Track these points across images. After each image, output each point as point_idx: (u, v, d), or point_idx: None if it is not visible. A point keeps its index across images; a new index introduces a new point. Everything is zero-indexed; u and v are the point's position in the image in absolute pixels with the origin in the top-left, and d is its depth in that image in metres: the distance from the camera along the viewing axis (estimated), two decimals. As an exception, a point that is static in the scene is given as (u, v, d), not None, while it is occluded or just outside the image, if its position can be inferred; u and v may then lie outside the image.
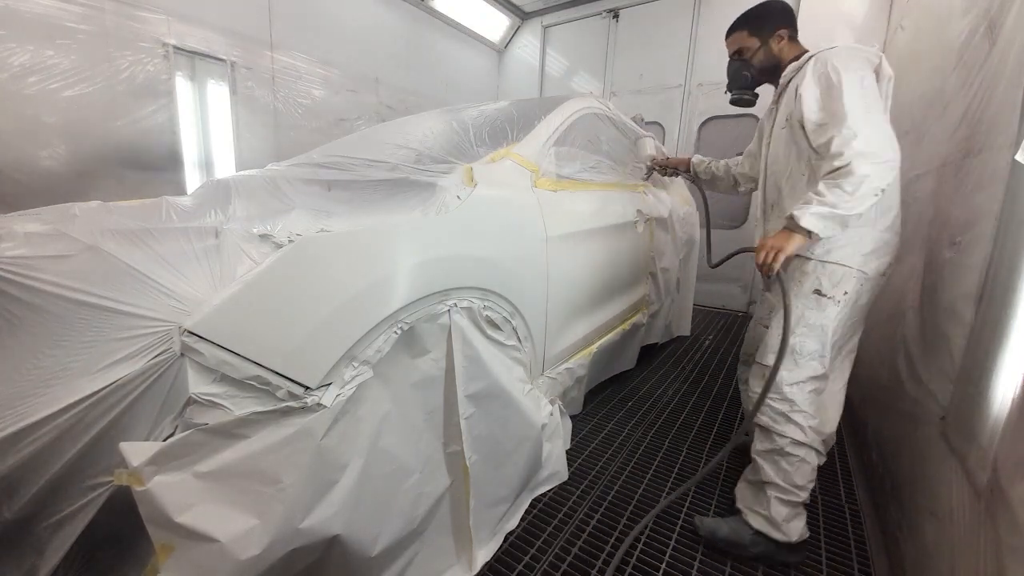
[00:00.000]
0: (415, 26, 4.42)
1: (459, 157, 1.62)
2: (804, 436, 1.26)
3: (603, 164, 2.11)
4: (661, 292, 2.61)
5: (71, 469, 0.76)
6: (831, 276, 1.26)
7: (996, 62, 1.22)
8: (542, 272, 1.53)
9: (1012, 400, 0.85)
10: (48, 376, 0.78)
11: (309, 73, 3.54)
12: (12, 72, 2.25)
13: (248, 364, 0.81)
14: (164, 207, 1.22)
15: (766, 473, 1.30)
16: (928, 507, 1.15)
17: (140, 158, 2.74)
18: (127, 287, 0.84)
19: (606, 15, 4.75)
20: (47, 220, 1.07)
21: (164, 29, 2.73)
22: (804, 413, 1.27)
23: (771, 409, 1.29)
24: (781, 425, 1.28)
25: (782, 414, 1.28)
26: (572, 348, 1.84)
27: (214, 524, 0.76)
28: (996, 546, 0.81)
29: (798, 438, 1.26)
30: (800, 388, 1.27)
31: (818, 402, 1.30)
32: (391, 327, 1.01)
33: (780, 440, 1.28)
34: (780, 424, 1.28)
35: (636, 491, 1.62)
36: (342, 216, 1.12)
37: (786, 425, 1.27)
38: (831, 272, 1.26)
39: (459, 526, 1.21)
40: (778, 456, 1.29)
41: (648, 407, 2.25)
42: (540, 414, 1.44)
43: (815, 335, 1.27)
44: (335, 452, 0.90)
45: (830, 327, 1.26)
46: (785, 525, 1.27)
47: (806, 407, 1.27)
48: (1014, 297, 0.95)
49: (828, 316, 1.26)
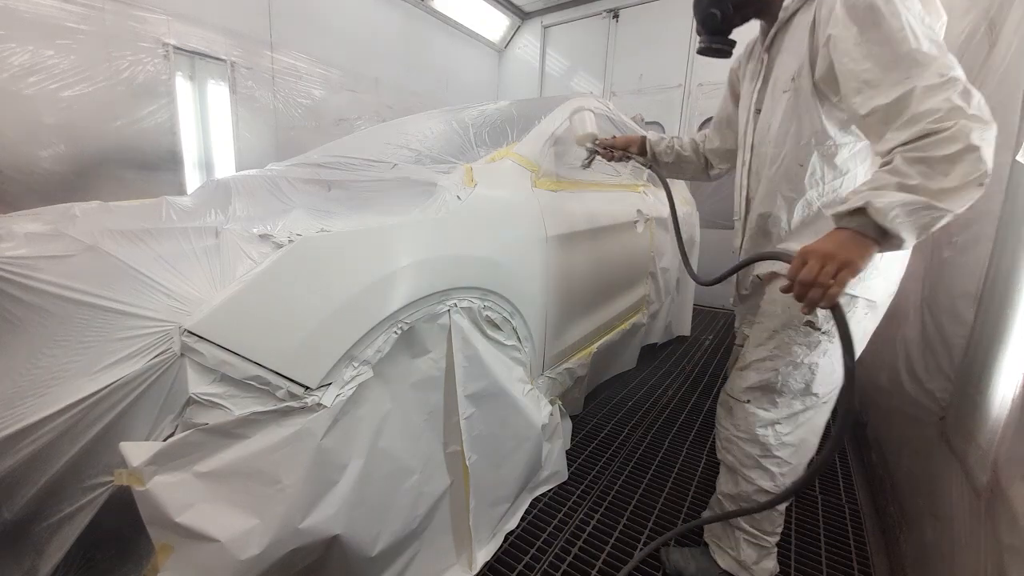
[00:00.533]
0: (415, 26, 4.42)
1: (459, 157, 1.62)
2: (773, 485, 1.10)
3: (603, 164, 2.10)
4: (661, 292, 2.61)
5: (71, 469, 0.76)
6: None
7: (996, 62, 1.22)
8: (542, 272, 1.53)
9: (1012, 400, 0.85)
10: (48, 376, 0.78)
11: (309, 73, 3.54)
12: (12, 72, 2.25)
13: (248, 364, 0.81)
14: (164, 207, 1.22)
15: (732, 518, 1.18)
16: (928, 507, 1.15)
17: (140, 158, 2.74)
18: (127, 287, 0.84)
19: (606, 15, 4.75)
20: (47, 220, 1.07)
21: (164, 29, 2.73)
22: (776, 459, 1.09)
23: (740, 450, 1.12)
24: (748, 469, 1.11)
25: (751, 457, 1.10)
26: (572, 348, 1.84)
27: (214, 524, 0.76)
28: (996, 546, 0.81)
29: (765, 487, 1.10)
30: (775, 432, 1.08)
31: (796, 447, 1.10)
32: (391, 327, 1.01)
33: (746, 486, 1.12)
34: (747, 468, 1.11)
35: (636, 491, 1.62)
36: (342, 216, 1.12)
37: (753, 470, 1.11)
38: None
39: (459, 526, 1.21)
40: (743, 501, 1.14)
41: (648, 407, 2.25)
42: (540, 414, 1.44)
43: (800, 373, 1.04)
44: (335, 452, 0.90)
45: (819, 365, 1.03)
46: (755, 567, 1.17)
47: (779, 453, 1.08)
48: (1014, 297, 0.95)
49: (818, 353, 1.02)
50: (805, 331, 1.02)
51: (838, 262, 0.75)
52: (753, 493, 1.12)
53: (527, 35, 5.39)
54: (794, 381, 1.05)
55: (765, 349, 1.08)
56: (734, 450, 1.14)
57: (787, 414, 1.08)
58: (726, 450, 1.17)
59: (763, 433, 1.09)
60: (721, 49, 1.16)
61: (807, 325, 1.01)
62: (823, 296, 0.76)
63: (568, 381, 1.84)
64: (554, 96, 2.39)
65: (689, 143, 1.49)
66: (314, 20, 3.54)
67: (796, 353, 1.04)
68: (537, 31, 5.27)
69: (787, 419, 1.08)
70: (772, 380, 1.07)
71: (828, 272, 0.75)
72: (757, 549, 1.17)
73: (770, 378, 1.07)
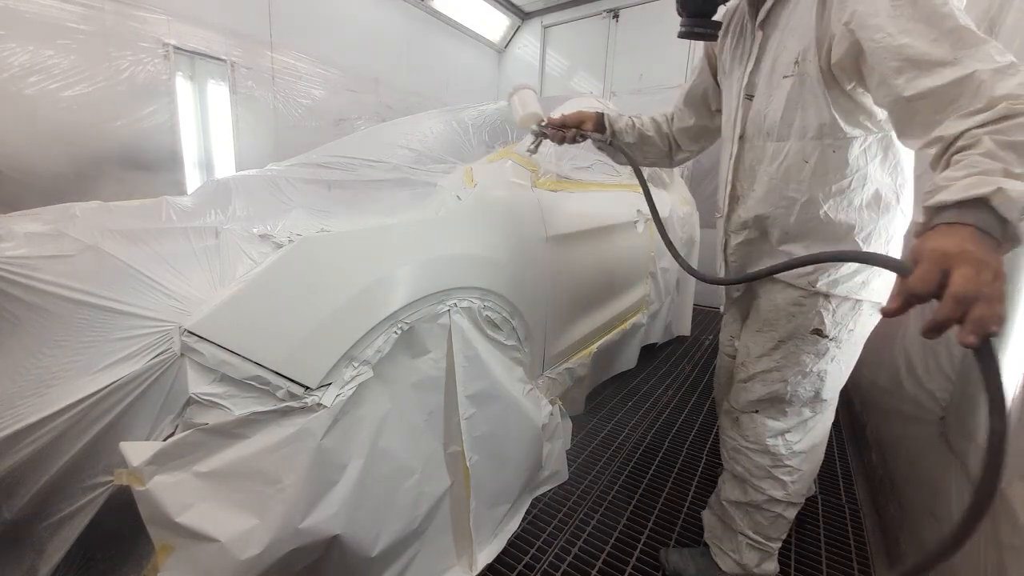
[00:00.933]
0: (415, 26, 4.42)
1: (459, 157, 1.62)
2: (784, 494, 1.08)
3: (603, 164, 2.11)
4: (661, 292, 2.61)
5: (71, 469, 0.76)
6: (836, 312, 0.95)
7: (996, 62, 1.22)
8: (542, 272, 1.53)
9: (1012, 400, 0.85)
10: (48, 376, 0.78)
11: (309, 73, 3.54)
12: (12, 72, 2.25)
13: (248, 364, 0.81)
14: (164, 207, 1.22)
15: (736, 523, 1.15)
16: (928, 507, 1.15)
17: (140, 158, 2.74)
18: (127, 287, 0.84)
19: (606, 15, 4.75)
20: (47, 220, 1.07)
21: (164, 29, 2.73)
22: (787, 468, 1.06)
23: (750, 461, 1.10)
24: (759, 480, 1.09)
25: (762, 468, 1.08)
26: (572, 348, 1.84)
27: (214, 524, 0.76)
28: (996, 546, 0.81)
29: (777, 496, 1.08)
30: (785, 441, 1.06)
31: (806, 453, 1.08)
32: (391, 327, 1.01)
33: (756, 495, 1.10)
34: (758, 479, 1.09)
35: (636, 491, 1.62)
36: (342, 216, 1.12)
37: (765, 480, 1.08)
38: (836, 307, 0.95)
39: (459, 527, 1.21)
40: (752, 509, 1.12)
41: (648, 407, 2.25)
42: (540, 414, 1.44)
43: (809, 382, 1.01)
44: (335, 452, 0.90)
45: (828, 372, 1.00)
46: (756, 570, 1.15)
47: (790, 461, 1.06)
48: (1014, 297, 0.95)
49: (827, 360, 0.99)
50: (813, 339, 0.97)
51: (993, 269, 0.53)
52: (763, 503, 1.10)
53: (527, 35, 5.39)
54: (803, 390, 1.02)
55: (771, 360, 1.03)
56: (743, 461, 1.11)
57: (797, 422, 1.05)
58: (734, 460, 1.13)
59: (773, 443, 1.06)
60: (704, 33, 1.06)
61: (815, 333, 0.96)
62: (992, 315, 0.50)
63: (568, 381, 1.84)
64: (554, 96, 2.39)
65: (651, 123, 1.33)
66: (314, 20, 3.54)
67: (805, 362, 0.99)
68: (537, 31, 5.27)
69: (797, 427, 1.06)
70: (781, 391, 1.03)
71: (986, 281, 0.52)
72: (759, 553, 1.15)
73: (778, 389, 1.03)
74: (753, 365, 1.07)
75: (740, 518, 1.14)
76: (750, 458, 1.09)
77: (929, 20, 0.69)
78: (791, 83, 0.88)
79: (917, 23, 0.69)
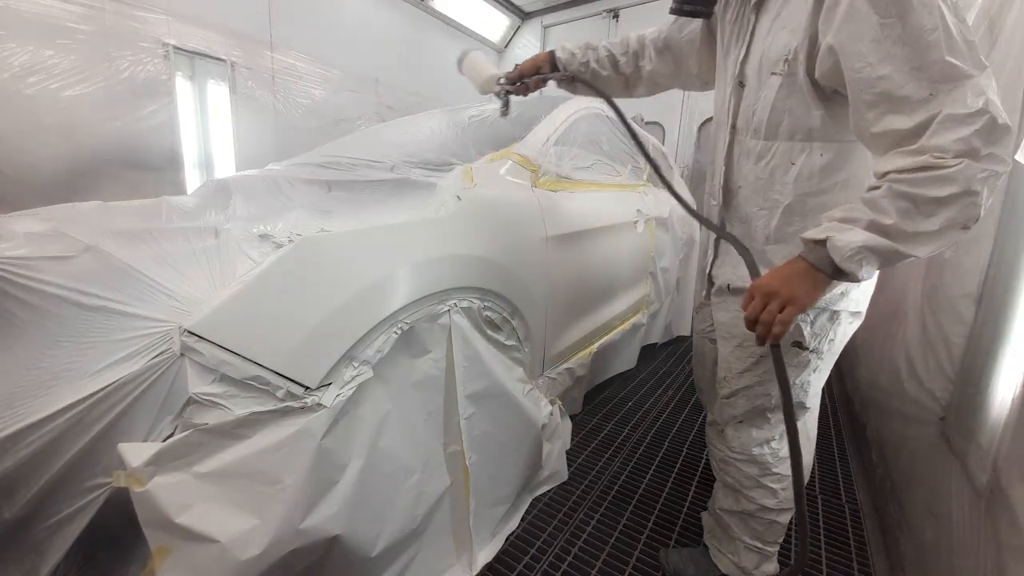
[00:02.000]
0: (415, 26, 4.42)
1: (459, 157, 1.62)
2: (776, 502, 1.08)
3: (603, 164, 2.11)
4: (661, 292, 2.61)
5: (71, 469, 0.76)
6: (814, 323, 0.94)
7: (996, 62, 1.22)
8: (542, 272, 1.53)
9: (1012, 400, 0.85)
10: (48, 376, 0.78)
11: (309, 73, 3.54)
12: (12, 72, 2.25)
13: (248, 364, 0.81)
14: (164, 207, 1.22)
15: (733, 530, 1.16)
16: (928, 507, 1.15)
17: (140, 158, 2.74)
18: (127, 287, 0.84)
19: (606, 15, 4.75)
20: (47, 220, 1.07)
21: (164, 29, 2.73)
22: (776, 476, 1.07)
23: (738, 471, 1.10)
24: (749, 490, 1.10)
25: (751, 478, 1.09)
26: (572, 348, 1.84)
27: (214, 525, 0.76)
28: (996, 546, 0.81)
29: (768, 504, 1.09)
30: (771, 448, 1.07)
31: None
32: (391, 327, 1.01)
33: (748, 504, 1.11)
34: (748, 489, 1.10)
35: (636, 491, 1.62)
36: (342, 216, 1.12)
37: (755, 490, 1.09)
38: (814, 318, 0.94)
39: (459, 526, 1.21)
40: (746, 516, 1.13)
41: (648, 407, 2.25)
42: (540, 414, 1.44)
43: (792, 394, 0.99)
44: (335, 452, 0.90)
45: (810, 382, 1.01)
46: (755, 572, 1.16)
47: (778, 469, 1.07)
48: (1014, 297, 0.95)
49: (808, 371, 0.99)
50: (794, 352, 0.97)
51: (781, 299, 0.74)
52: (756, 511, 1.10)
53: (527, 35, 5.39)
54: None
55: (753, 375, 1.03)
56: (732, 471, 1.12)
57: (781, 431, 1.06)
58: (723, 471, 1.15)
59: (759, 452, 1.07)
60: (695, 10, 1.02)
61: (795, 345, 0.96)
62: (768, 334, 0.76)
63: (568, 381, 1.84)
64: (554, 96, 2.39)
65: (607, 59, 1.28)
66: (314, 20, 3.54)
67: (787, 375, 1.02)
68: (537, 31, 5.27)
69: (782, 435, 1.07)
70: (765, 404, 1.04)
71: (772, 311, 0.75)
72: (758, 555, 1.16)
73: (762, 403, 1.04)
74: (736, 381, 1.06)
75: (736, 525, 1.15)
76: (739, 468, 1.11)
77: (915, 46, 0.66)
78: (780, 82, 0.85)
79: (904, 47, 0.67)
